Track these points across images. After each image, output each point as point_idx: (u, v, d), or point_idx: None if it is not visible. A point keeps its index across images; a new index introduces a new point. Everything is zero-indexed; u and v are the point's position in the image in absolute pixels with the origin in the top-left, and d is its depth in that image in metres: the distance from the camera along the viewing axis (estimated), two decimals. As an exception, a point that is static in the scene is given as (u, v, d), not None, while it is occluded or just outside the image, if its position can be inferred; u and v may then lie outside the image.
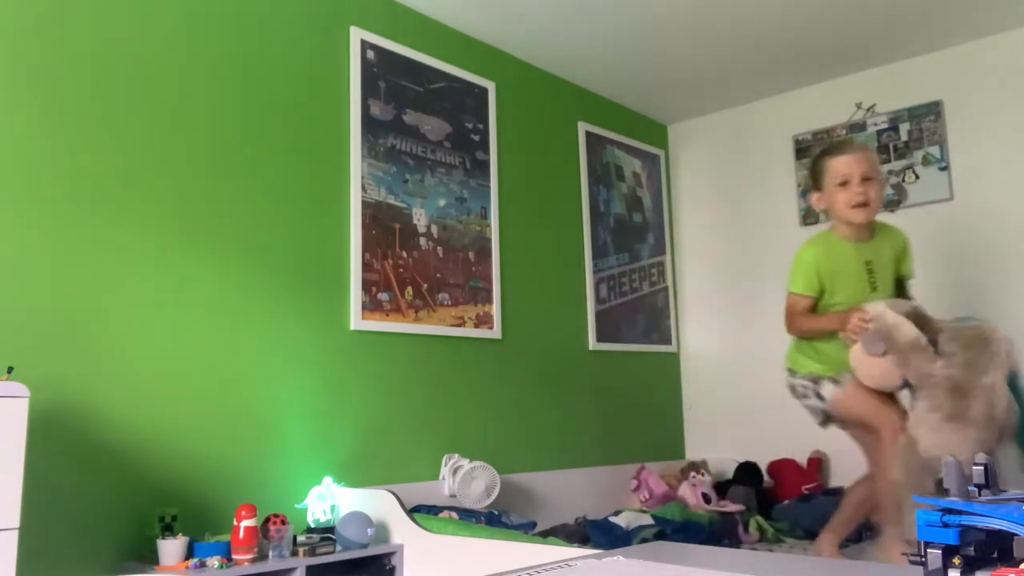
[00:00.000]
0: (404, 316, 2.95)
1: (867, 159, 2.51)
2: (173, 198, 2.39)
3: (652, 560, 0.77)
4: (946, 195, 3.59)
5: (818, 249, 2.55)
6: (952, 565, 0.55)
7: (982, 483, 0.62)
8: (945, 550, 0.56)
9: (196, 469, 2.32)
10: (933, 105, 3.65)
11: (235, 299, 2.49)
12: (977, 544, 0.56)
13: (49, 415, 2.01)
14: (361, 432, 2.74)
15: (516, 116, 3.57)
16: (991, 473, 0.63)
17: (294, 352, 2.61)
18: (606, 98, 4.12)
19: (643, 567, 0.73)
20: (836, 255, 2.54)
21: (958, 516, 0.56)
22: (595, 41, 3.51)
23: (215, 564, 2.05)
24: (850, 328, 2.34)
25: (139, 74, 2.36)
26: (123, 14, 2.35)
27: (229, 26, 2.60)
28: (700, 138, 4.44)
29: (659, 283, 4.28)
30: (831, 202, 2.53)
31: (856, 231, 2.53)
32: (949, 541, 0.55)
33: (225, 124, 2.54)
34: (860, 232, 2.54)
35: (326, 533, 2.32)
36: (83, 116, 2.23)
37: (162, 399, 2.28)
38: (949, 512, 0.56)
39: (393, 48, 3.09)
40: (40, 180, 2.13)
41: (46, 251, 2.12)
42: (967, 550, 0.56)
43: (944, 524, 0.56)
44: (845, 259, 2.53)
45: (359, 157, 2.89)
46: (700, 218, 4.40)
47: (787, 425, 3.90)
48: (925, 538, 0.56)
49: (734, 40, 3.53)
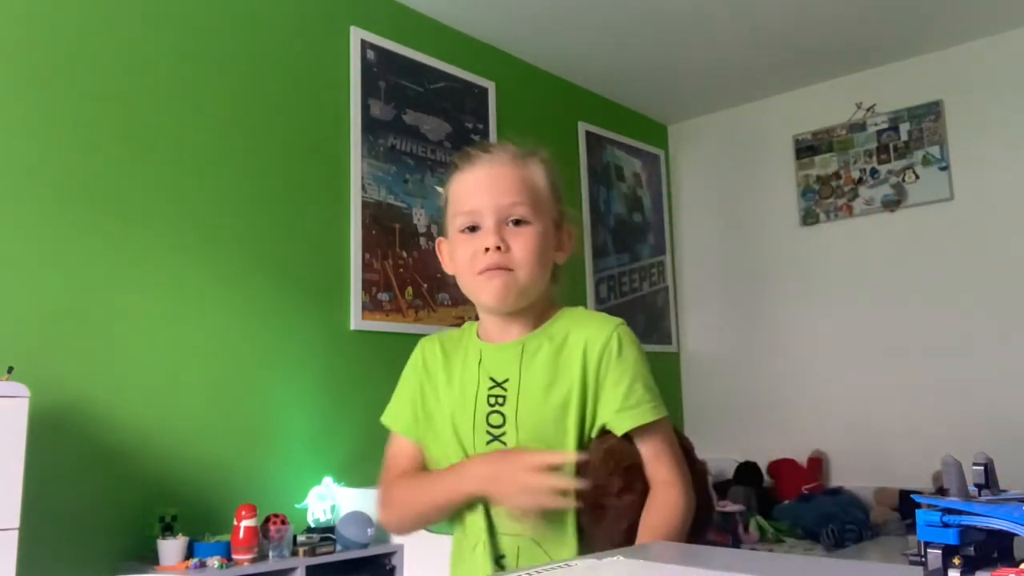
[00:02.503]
0: (404, 316, 2.95)
1: (512, 174, 1.14)
2: (173, 198, 2.38)
3: (652, 560, 0.77)
4: (946, 195, 3.59)
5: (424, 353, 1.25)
6: (952, 565, 0.55)
7: (982, 483, 0.62)
8: (945, 550, 0.56)
9: (196, 469, 2.32)
10: (933, 105, 3.65)
11: (235, 299, 2.48)
12: (977, 544, 0.56)
13: (49, 415, 2.01)
14: (361, 432, 2.74)
15: (516, 116, 3.57)
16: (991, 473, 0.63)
17: (294, 352, 2.61)
18: (606, 98, 4.12)
19: (643, 567, 0.73)
20: (452, 364, 1.21)
21: (958, 516, 0.56)
22: (595, 41, 3.51)
23: (215, 564, 2.05)
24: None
25: (139, 75, 2.36)
26: (123, 15, 2.35)
27: (229, 26, 2.59)
28: (700, 138, 4.44)
29: (659, 283, 4.28)
30: (455, 260, 1.20)
31: (495, 322, 1.19)
32: (949, 541, 0.55)
33: (225, 124, 2.54)
34: (501, 325, 1.18)
35: (326, 533, 2.32)
36: (83, 118, 2.23)
37: (162, 399, 2.28)
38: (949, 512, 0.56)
39: (393, 48, 3.09)
40: (40, 181, 2.13)
41: (46, 251, 2.12)
42: (967, 550, 0.56)
43: (944, 524, 0.56)
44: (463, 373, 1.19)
45: (359, 157, 2.89)
46: (700, 218, 4.40)
47: (787, 425, 3.91)
48: (925, 538, 0.56)
49: (734, 40, 3.53)
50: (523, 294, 1.12)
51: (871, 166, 3.81)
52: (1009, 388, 3.31)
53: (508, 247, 1.09)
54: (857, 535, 3.02)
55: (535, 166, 1.17)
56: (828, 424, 3.79)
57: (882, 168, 3.77)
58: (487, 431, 1.10)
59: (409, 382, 1.24)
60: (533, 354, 1.13)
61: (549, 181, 1.17)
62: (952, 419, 3.40)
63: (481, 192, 1.11)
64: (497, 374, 1.13)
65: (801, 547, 3.06)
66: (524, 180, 1.13)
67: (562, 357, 1.12)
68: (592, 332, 1.12)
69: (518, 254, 1.09)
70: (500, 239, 1.09)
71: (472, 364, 1.16)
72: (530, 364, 1.12)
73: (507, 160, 1.14)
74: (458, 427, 1.12)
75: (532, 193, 1.13)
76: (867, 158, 3.82)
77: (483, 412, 1.12)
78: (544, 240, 1.12)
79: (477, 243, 1.10)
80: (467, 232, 1.12)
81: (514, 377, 1.12)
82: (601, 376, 1.09)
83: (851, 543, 2.97)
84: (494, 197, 1.10)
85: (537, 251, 1.11)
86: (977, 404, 3.37)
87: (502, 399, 1.11)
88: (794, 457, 3.75)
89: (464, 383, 1.15)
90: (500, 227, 1.10)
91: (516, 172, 1.13)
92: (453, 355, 1.21)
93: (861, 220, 3.82)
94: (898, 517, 3.26)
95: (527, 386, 1.11)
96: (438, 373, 1.20)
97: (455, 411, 1.14)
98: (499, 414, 1.11)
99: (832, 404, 3.79)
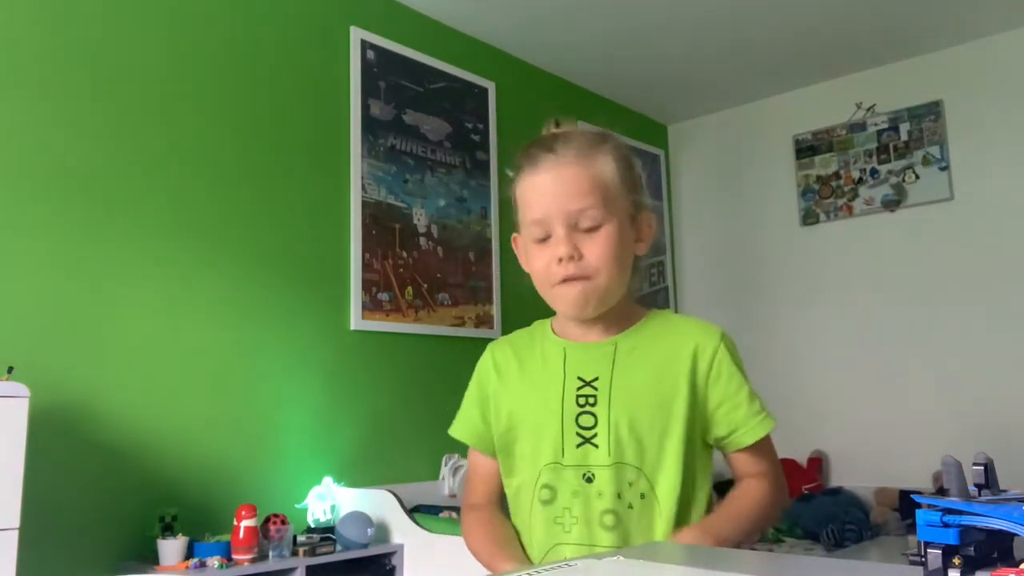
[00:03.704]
0: (404, 316, 2.95)
1: (579, 175, 1.06)
2: (173, 198, 2.38)
3: (652, 560, 0.77)
4: (946, 195, 3.59)
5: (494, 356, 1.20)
6: (952, 565, 0.55)
7: (982, 483, 0.62)
8: (945, 550, 0.56)
9: (196, 469, 2.32)
10: (933, 105, 3.65)
11: (235, 299, 2.48)
12: (977, 544, 0.56)
13: (49, 415, 2.01)
14: (361, 432, 2.74)
15: (516, 116, 3.57)
16: (991, 473, 0.63)
17: (294, 352, 2.61)
18: (606, 98, 4.12)
19: (643, 567, 0.73)
20: (527, 365, 1.16)
21: (958, 516, 0.56)
22: (595, 41, 3.51)
23: (215, 564, 2.05)
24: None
25: (139, 75, 2.36)
26: (122, 15, 2.35)
27: (229, 26, 2.59)
28: (700, 138, 4.44)
29: (659, 283, 4.27)
30: (531, 268, 1.13)
31: (576, 323, 1.14)
32: (949, 541, 0.55)
33: (225, 124, 2.54)
34: (584, 326, 1.13)
35: (326, 533, 2.32)
36: (82, 117, 2.23)
37: (162, 399, 2.28)
38: (949, 512, 0.56)
39: (393, 48, 3.09)
40: (40, 181, 2.13)
41: (46, 251, 2.12)
42: (967, 550, 0.56)
43: (944, 524, 0.56)
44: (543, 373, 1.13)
45: (359, 157, 2.89)
46: (700, 218, 4.40)
47: (787, 425, 3.90)
48: (925, 538, 0.56)
49: (734, 40, 3.53)
50: (603, 300, 1.05)
51: (871, 166, 3.81)
52: (1009, 388, 3.31)
53: (582, 255, 1.02)
54: (857, 535, 3.02)
55: (603, 158, 1.07)
56: (828, 424, 3.79)
57: (882, 168, 3.77)
58: (577, 432, 1.05)
59: (480, 389, 1.18)
60: (628, 353, 1.07)
61: (620, 172, 1.07)
62: (952, 419, 3.40)
63: (548, 198, 1.04)
64: (586, 373, 1.07)
65: (801, 547, 3.06)
66: (592, 179, 1.04)
67: (665, 358, 1.06)
68: (701, 337, 1.08)
69: (593, 261, 1.02)
70: (572, 247, 1.02)
71: (555, 363, 1.09)
72: (626, 363, 1.06)
73: (572, 159, 1.05)
74: (543, 430, 1.06)
75: (602, 192, 1.04)
76: (867, 158, 3.82)
77: (572, 413, 1.05)
78: (620, 240, 1.04)
79: (550, 253, 1.04)
80: (540, 243, 1.06)
81: (605, 376, 1.06)
82: (712, 382, 1.06)
83: (851, 543, 2.97)
84: (562, 203, 1.02)
85: (614, 254, 1.03)
86: (977, 404, 3.37)
87: (593, 399, 1.05)
88: (794, 457, 3.75)
89: (547, 383, 1.08)
90: (571, 234, 1.03)
91: (583, 172, 1.04)
92: (527, 355, 1.14)
93: (861, 220, 3.82)
94: (898, 517, 3.26)
95: (621, 386, 1.05)
96: (512, 375, 1.13)
97: (539, 413, 1.07)
98: (590, 415, 1.04)
99: (832, 404, 3.79)
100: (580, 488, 1.04)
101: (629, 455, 1.03)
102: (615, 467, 1.03)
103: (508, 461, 1.12)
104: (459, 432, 1.20)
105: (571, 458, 1.04)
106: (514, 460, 1.11)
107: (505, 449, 1.12)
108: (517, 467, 1.11)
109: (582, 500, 1.03)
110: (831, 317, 3.84)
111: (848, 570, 0.78)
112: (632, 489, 1.03)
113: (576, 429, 1.05)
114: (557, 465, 1.05)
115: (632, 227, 1.09)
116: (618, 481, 1.02)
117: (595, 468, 1.03)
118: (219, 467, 2.37)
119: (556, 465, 1.05)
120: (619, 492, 1.02)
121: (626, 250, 1.07)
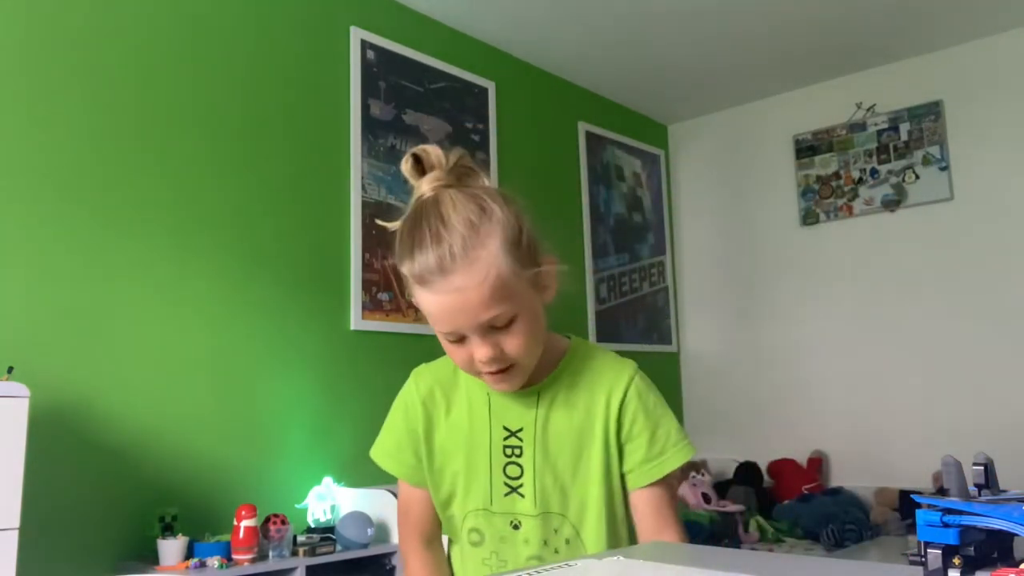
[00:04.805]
0: (404, 316, 2.95)
1: (476, 283, 0.97)
2: (173, 198, 2.38)
3: (652, 560, 0.77)
4: (946, 195, 3.59)
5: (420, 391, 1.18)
6: (952, 565, 0.55)
7: (982, 483, 0.62)
8: (945, 550, 0.56)
9: (196, 469, 2.32)
10: (933, 105, 3.65)
11: (235, 299, 2.48)
12: (977, 544, 0.56)
13: (49, 415, 2.01)
14: (361, 432, 2.74)
15: (516, 116, 3.57)
16: (991, 473, 0.63)
17: (294, 352, 2.61)
18: (606, 98, 4.12)
19: (643, 567, 0.73)
20: (453, 408, 1.16)
21: (958, 516, 0.56)
22: (595, 41, 3.51)
23: (215, 564, 2.05)
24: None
25: (139, 75, 2.36)
26: (123, 14, 2.35)
27: (229, 26, 2.59)
28: (700, 138, 4.44)
29: (659, 283, 4.28)
30: (448, 354, 1.09)
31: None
32: (949, 541, 0.55)
33: (225, 124, 2.54)
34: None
35: (326, 533, 2.32)
36: (82, 117, 2.23)
37: (162, 399, 2.28)
38: (949, 512, 0.56)
39: (393, 48, 3.09)
40: (40, 181, 2.13)
41: (46, 251, 2.12)
42: (967, 550, 0.56)
43: (944, 524, 0.56)
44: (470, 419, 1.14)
45: (359, 157, 2.89)
46: (700, 218, 4.40)
47: (787, 425, 3.91)
48: (925, 538, 0.56)
49: (734, 40, 3.53)
50: (527, 373, 1.05)
51: (871, 166, 3.81)
52: (1009, 388, 3.31)
53: (501, 349, 1.00)
54: (857, 535, 3.02)
55: (491, 253, 0.97)
56: (828, 424, 3.79)
57: (882, 168, 3.77)
58: (504, 483, 1.07)
59: (407, 423, 1.16)
60: (550, 403, 1.09)
61: (512, 255, 0.99)
62: (952, 419, 3.40)
63: (452, 317, 0.98)
64: (511, 423, 1.09)
65: (801, 547, 3.06)
66: (491, 289, 0.96)
67: (583, 407, 1.08)
68: (612, 381, 1.08)
69: (514, 352, 1.01)
70: (492, 347, 0.99)
71: (480, 409, 1.10)
72: (547, 415, 1.08)
73: (463, 275, 0.96)
74: (473, 476, 1.08)
75: (503, 292, 0.97)
76: (867, 158, 3.82)
77: (499, 463, 1.08)
78: (533, 322, 1.03)
79: (467, 352, 1.01)
80: (453, 343, 1.03)
81: (529, 427, 1.08)
82: (622, 425, 1.07)
83: (851, 543, 2.97)
84: (469, 318, 0.97)
85: (531, 338, 1.02)
86: (977, 404, 3.37)
87: (519, 450, 1.07)
88: (794, 457, 3.75)
89: (474, 431, 1.10)
90: (486, 336, 0.99)
91: (479, 287, 0.96)
92: (453, 395, 1.14)
93: (861, 220, 3.82)
94: (898, 517, 3.26)
95: (545, 438, 1.07)
96: (439, 416, 1.14)
97: (468, 459, 1.09)
98: (516, 465, 1.07)
99: (832, 404, 3.79)
100: (508, 534, 1.08)
101: (554, 504, 1.06)
102: (541, 516, 1.06)
103: (440, 498, 1.13)
104: (389, 465, 1.16)
105: (499, 506, 1.07)
106: (445, 498, 1.13)
107: (436, 485, 1.13)
108: (448, 504, 1.13)
109: (509, 546, 1.08)
110: (831, 317, 3.85)
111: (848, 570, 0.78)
112: (558, 536, 1.06)
113: (504, 479, 1.07)
114: (487, 511, 1.08)
115: (539, 294, 1.06)
116: (544, 529, 1.06)
117: (522, 517, 1.07)
118: (219, 467, 2.37)
119: (486, 511, 1.08)
120: (545, 539, 1.06)
121: (539, 324, 1.05)
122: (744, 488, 3.52)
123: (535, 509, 1.06)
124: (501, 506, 1.07)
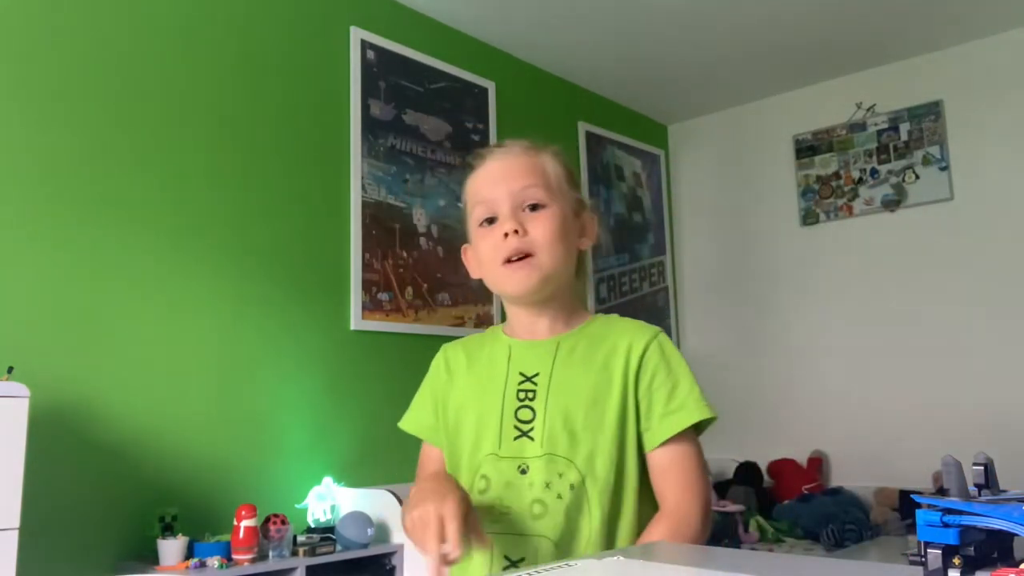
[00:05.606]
0: (404, 316, 2.95)
1: (524, 161, 1.13)
2: (173, 198, 2.38)
3: (652, 560, 0.77)
4: (946, 195, 3.59)
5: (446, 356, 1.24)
6: (952, 565, 0.55)
7: (982, 483, 0.62)
8: (945, 550, 0.56)
9: (196, 469, 2.32)
10: (933, 105, 3.65)
11: (235, 299, 2.48)
12: (977, 544, 0.56)
13: (49, 415, 2.01)
14: (361, 432, 2.74)
15: (516, 116, 3.57)
16: (991, 473, 0.63)
17: (294, 352, 2.61)
18: (606, 98, 4.12)
19: (643, 567, 0.73)
20: (475, 364, 1.20)
21: (958, 516, 0.56)
22: (595, 41, 3.51)
23: (215, 564, 2.05)
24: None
25: (138, 75, 2.36)
26: (121, 14, 2.35)
27: (229, 26, 2.59)
28: (700, 138, 4.44)
29: (659, 283, 4.28)
30: (479, 258, 1.16)
31: (524, 315, 1.17)
32: (949, 541, 0.55)
33: (225, 124, 2.54)
34: (530, 318, 1.16)
35: (326, 533, 2.32)
36: (81, 117, 2.23)
37: (162, 399, 2.28)
38: (949, 512, 0.56)
39: (393, 48, 3.09)
40: (40, 181, 2.13)
41: (46, 251, 2.12)
42: (967, 550, 0.56)
43: (944, 524, 0.56)
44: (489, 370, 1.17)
45: (359, 157, 2.89)
46: (700, 218, 4.40)
47: (787, 425, 3.91)
48: (925, 538, 0.56)
49: (734, 40, 3.53)
50: (548, 279, 1.09)
51: (871, 166, 3.81)
52: (1009, 388, 3.31)
53: (526, 231, 1.08)
54: (857, 535, 3.02)
55: (547, 157, 1.15)
56: (828, 424, 3.79)
57: (882, 168, 3.78)
58: (515, 426, 1.08)
59: (431, 386, 1.23)
60: (569, 352, 1.11)
61: (563, 169, 1.15)
62: (952, 419, 3.40)
63: (494, 182, 1.11)
64: (527, 369, 1.11)
65: (801, 547, 3.06)
66: (536, 166, 1.12)
67: (602, 357, 1.10)
68: (635, 335, 1.10)
69: (538, 237, 1.07)
70: (518, 223, 1.08)
71: (500, 360, 1.14)
72: (565, 361, 1.10)
73: (519, 151, 1.13)
74: (485, 422, 1.10)
75: (545, 177, 1.11)
76: (867, 158, 3.82)
77: (512, 407, 1.10)
78: (563, 221, 1.10)
79: (496, 233, 1.09)
80: (486, 225, 1.11)
81: (545, 372, 1.10)
82: (640, 378, 1.07)
83: (851, 543, 2.97)
84: (507, 184, 1.09)
85: (557, 231, 1.09)
86: (977, 404, 3.37)
87: (532, 394, 1.09)
88: (794, 457, 3.75)
89: (491, 379, 1.13)
90: (516, 212, 1.09)
91: (528, 159, 1.12)
92: (477, 355, 1.19)
93: (861, 220, 3.82)
94: (898, 517, 3.26)
95: (559, 382, 1.09)
96: (461, 374, 1.19)
97: (481, 406, 1.12)
98: (529, 409, 1.09)
99: (832, 404, 3.79)
100: (514, 479, 1.07)
101: (560, 447, 1.05)
102: (546, 457, 1.05)
103: (454, 455, 1.16)
104: (410, 426, 1.25)
105: (508, 450, 1.08)
106: (459, 453, 1.14)
107: (451, 443, 1.16)
108: (461, 460, 1.14)
109: (515, 491, 1.06)
110: (831, 317, 3.85)
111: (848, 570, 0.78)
112: (562, 480, 1.04)
113: (515, 422, 1.09)
114: (495, 456, 1.08)
115: (575, 221, 1.15)
116: (548, 471, 1.05)
117: (529, 460, 1.06)
118: (219, 467, 2.37)
119: (494, 456, 1.09)
120: (548, 482, 1.04)
121: (569, 235, 1.12)
122: (744, 488, 3.52)
123: (540, 449, 1.06)
124: (510, 450, 1.07)
